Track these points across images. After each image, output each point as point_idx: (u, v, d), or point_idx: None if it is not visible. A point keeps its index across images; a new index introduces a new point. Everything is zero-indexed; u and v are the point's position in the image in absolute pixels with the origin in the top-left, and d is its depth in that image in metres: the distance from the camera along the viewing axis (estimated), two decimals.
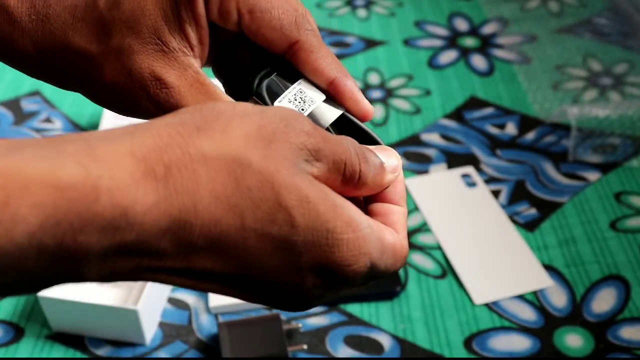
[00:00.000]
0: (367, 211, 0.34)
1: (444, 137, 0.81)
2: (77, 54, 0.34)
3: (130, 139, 0.27)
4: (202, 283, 0.29)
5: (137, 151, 0.27)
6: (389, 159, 0.33)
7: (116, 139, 0.27)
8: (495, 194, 0.74)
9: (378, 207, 0.34)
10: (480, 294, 0.65)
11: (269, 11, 0.34)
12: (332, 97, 0.36)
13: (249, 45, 0.36)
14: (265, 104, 0.35)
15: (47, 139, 0.27)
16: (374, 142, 0.36)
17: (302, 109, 0.35)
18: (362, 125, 0.36)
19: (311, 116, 0.35)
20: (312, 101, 0.35)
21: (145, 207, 0.26)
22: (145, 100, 0.34)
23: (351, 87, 0.35)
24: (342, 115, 0.36)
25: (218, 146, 0.28)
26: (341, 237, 0.29)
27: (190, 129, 0.28)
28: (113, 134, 0.27)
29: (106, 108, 0.36)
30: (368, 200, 0.34)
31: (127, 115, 0.36)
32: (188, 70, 0.34)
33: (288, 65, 0.36)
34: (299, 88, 0.35)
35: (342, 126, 0.36)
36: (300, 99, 0.35)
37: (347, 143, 0.31)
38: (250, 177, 0.28)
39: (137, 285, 0.64)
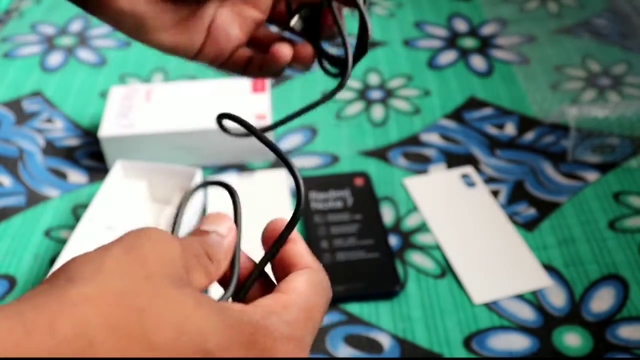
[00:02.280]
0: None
1: (444, 137, 0.81)
2: None
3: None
4: None
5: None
6: (218, 226, 0.34)
7: None
8: (495, 194, 0.74)
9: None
10: (480, 294, 0.65)
11: None
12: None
13: None
14: None
15: None
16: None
17: None
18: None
19: None
20: None
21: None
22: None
23: None
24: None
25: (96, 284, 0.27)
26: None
27: (60, 285, 0.26)
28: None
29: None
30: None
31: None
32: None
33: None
34: None
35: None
36: None
37: (180, 246, 0.31)
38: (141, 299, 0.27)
39: None
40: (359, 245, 0.68)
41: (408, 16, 1.02)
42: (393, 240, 0.70)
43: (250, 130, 0.35)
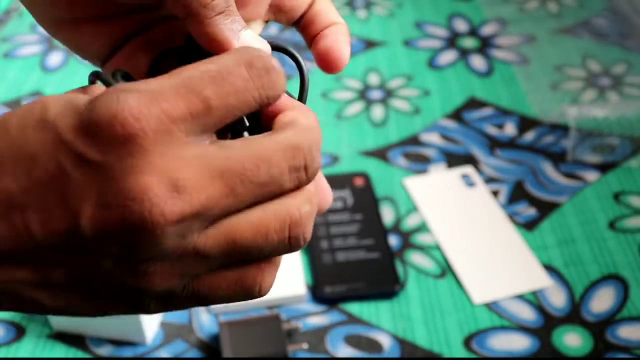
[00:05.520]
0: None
1: (444, 137, 0.81)
2: None
3: None
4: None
5: None
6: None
7: None
8: (495, 193, 0.74)
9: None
10: (480, 294, 0.65)
11: None
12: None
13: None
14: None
15: None
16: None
17: None
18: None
19: None
20: None
21: None
22: None
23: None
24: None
25: None
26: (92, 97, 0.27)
27: None
28: None
29: None
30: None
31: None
32: None
33: None
34: None
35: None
36: None
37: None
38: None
39: None
40: (359, 245, 0.68)
41: (408, 16, 1.02)
42: (393, 240, 0.70)
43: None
